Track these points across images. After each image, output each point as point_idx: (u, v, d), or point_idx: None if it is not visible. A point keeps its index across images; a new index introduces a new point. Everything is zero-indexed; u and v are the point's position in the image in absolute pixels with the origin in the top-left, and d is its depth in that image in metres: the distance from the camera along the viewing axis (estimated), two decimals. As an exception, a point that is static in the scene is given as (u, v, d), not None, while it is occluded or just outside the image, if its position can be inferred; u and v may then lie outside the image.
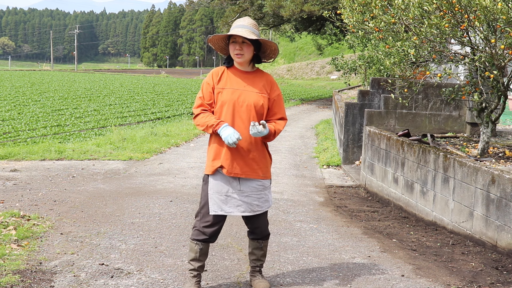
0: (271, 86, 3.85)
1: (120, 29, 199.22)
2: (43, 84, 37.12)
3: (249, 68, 3.83)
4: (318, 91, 37.72)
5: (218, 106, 3.71)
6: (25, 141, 12.62)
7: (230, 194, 3.71)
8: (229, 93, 3.71)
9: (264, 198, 3.79)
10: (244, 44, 3.69)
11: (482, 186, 4.95)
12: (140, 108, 22.77)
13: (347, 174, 9.00)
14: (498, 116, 6.31)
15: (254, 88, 3.76)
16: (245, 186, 3.73)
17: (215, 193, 3.70)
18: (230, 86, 3.74)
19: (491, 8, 4.99)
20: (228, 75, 3.78)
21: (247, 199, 3.73)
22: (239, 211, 3.72)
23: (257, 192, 3.76)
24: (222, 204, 3.70)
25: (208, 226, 3.73)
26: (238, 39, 3.69)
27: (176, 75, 65.01)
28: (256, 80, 3.80)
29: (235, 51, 3.70)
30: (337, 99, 14.30)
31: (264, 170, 3.78)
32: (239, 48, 3.69)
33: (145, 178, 8.16)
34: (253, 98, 3.72)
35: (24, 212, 5.69)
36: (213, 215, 3.72)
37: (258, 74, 3.85)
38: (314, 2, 22.11)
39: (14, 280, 3.85)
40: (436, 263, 4.60)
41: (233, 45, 3.71)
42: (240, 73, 3.79)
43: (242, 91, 3.72)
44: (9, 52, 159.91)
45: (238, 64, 3.79)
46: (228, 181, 3.71)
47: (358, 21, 6.46)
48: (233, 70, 3.80)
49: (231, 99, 3.69)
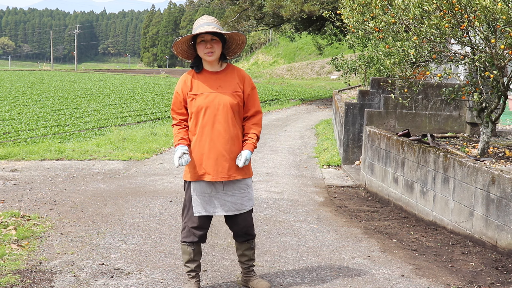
0: (244, 81, 3.80)
1: (120, 29, 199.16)
2: (43, 84, 37.11)
3: (218, 67, 3.77)
4: (318, 91, 37.71)
5: (195, 112, 3.67)
6: (25, 141, 12.62)
7: (214, 195, 3.70)
8: (203, 98, 3.67)
9: (248, 197, 3.79)
10: (213, 42, 3.64)
11: (482, 186, 4.95)
12: (140, 108, 22.76)
13: (347, 174, 9.00)
14: (498, 116, 6.31)
15: (227, 88, 3.72)
16: (228, 186, 3.72)
17: (199, 194, 3.70)
18: (203, 90, 3.69)
19: (491, 8, 4.99)
20: (199, 79, 3.72)
21: (231, 198, 3.73)
22: (223, 210, 3.72)
23: (240, 191, 3.75)
24: (205, 204, 3.70)
25: (196, 228, 3.73)
26: (207, 37, 3.63)
27: (176, 75, 64.95)
28: (228, 79, 3.75)
29: (205, 49, 3.64)
30: (337, 99, 14.30)
31: (247, 167, 3.78)
32: (209, 46, 3.64)
33: (145, 178, 8.16)
34: (228, 99, 3.69)
35: (24, 212, 5.69)
36: (198, 217, 3.72)
37: (228, 72, 3.79)
38: (314, 2, 22.11)
39: (14, 280, 3.85)
40: (436, 263, 4.60)
41: (202, 45, 3.65)
42: (211, 75, 3.74)
43: (216, 94, 3.68)
44: (9, 52, 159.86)
45: (209, 63, 3.72)
46: (211, 182, 3.70)
47: (358, 21, 6.46)
48: (203, 73, 3.74)
49: (206, 104, 3.66)
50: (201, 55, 3.69)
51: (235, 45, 3.81)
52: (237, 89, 3.74)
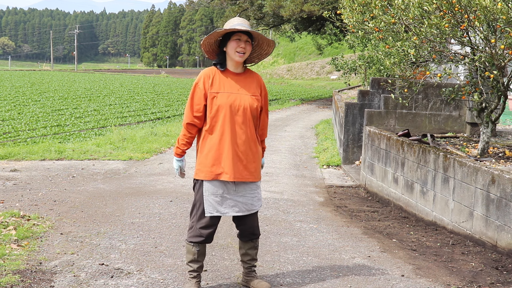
0: (261, 87, 3.84)
1: (120, 29, 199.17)
2: (43, 84, 37.11)
3: (241, 69, 3.77)
4: (318, 91, 37.71)
5: (214, 111, 3.66)
6: (25, 141, 12.62)
7: (225, 195, 3.71)
8: (225, 97, 3.66)
9: (257, 197, 3.82)
10: (247, 43, 3.65)
11: (482, 186, 4.95)
12: (140, 108, 22.76)
13: (347, 174, 9.00)
14: (498, 116, 6.31)
15: (248, 91, 3.73)
16: (240, 187, 3.73)
17: (211, 195, 3.69)
18: (224, 90, 3.67)
19: (491, 8, 4.99)
20: (221, 78, 3.70)
21: (242, 199, 3.73)
22: (234, 211, 3.72)
23: (251, 191, 3.77)
24: (217, 205, 3.70)
25: (204, 228, 3.73)
26: (243, 37, 3.62)
27: (176, 75, 65.00)
28: (248, 82, 3.76)
29: (239, 48, 3.62)
30: (337, 99, 14.30)
31: (259, 171, 3.82)
32: (243, 45, 3.63)
33: (145, 178, 8.16)
34: (248, 102, 3.69)
35: (24, 212, 5.69)
36: (209, 217, 3.71)
37: (248, 75, 3.80)
38: (314, 2, 22.11)
39: (14, 280, 3.85)
40: (436, 263, 4.60)
41: (235, 43, 3.62)
42: (233, 76, 3.73)
43: (237, 95, 3.68)
44: (9, 52, 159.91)
45: (235, 64, 3.71)
46: (223, 183, 3.70)
47: (358, 21, 6.46)
48: (225, 73, 3.73)
49: (227, 104, 3.64)
50: (231, 53, 3.66)
51: (258, 53, 3.84)
52: (256, 93, 3.77)
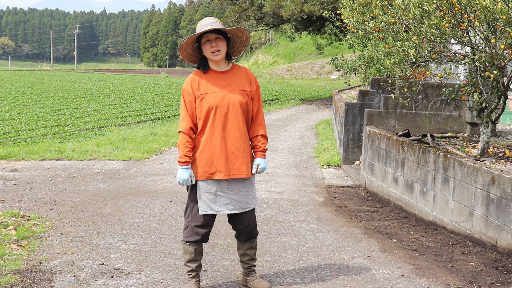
0: (250, 80, 3.84)
1: (120, 29, 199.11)
2: (43, 84, 37.10)
3: (225, 66, 3.78)
4: (318, 91, 37.70)
5: (205, 112, 3.66)
6: (25, 141, 12.62)
7: (219, 193, 3.72)
8: (212, 97, 3.67)
9: (252, 195, 3.82)
10: (218, 40, 3.65)
11: (482, 186, 4.95)
12: (140, 108, 22.76)
13: (347, 174, 9.00)
14: (498, 116, 6.31)
15: (236, 86, 3.73)
16: (233, 185, 3.74)
17: (204, 193, 3.71)
18: (211, 90, 3.68)
19: (491, 8, 4.99)
20: (207, 79, 3.71)
21: (236, 197, 3.75)
22: (228, 209, 3.74)
23: (244, 189, 3.78)
24: (211, 203, 3.71)
25: (200, 226, 3.74)
26: (211, 36, 3.64)
27: (176, 75, 64.94)
28: (235, 78, 3.77)
29: (211, 48, 3.64)
30: (337, 99, 14.30)
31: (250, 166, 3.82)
32: (215, 44, 3.64)
33: (145, 178, 8.16)
34: (237, 98, 3.70)
35: (24, 212, 5.69)
36: (203, 215, 3.72)
37: (235, 71, 3.81)
38: (314, 2, 22.10)
39: (14, 280, 3.85)
40: (436, 263, 4.60)
41: (207, 45, 3.65)
42: (218, 74, 3.74)
43: (225, 93, 3.69)
44: (9, 52, 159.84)
45: (216, 63, 3.73)
46: (217, 181, 3.72)
47: (358, 21, 6.46)
48: (211, 73, 3.74)
49: (216, 103, 3.65)
50: (208, 55, 3.69)
51: (239, 43, 3.82)
52: (245, 88, 3.77)
